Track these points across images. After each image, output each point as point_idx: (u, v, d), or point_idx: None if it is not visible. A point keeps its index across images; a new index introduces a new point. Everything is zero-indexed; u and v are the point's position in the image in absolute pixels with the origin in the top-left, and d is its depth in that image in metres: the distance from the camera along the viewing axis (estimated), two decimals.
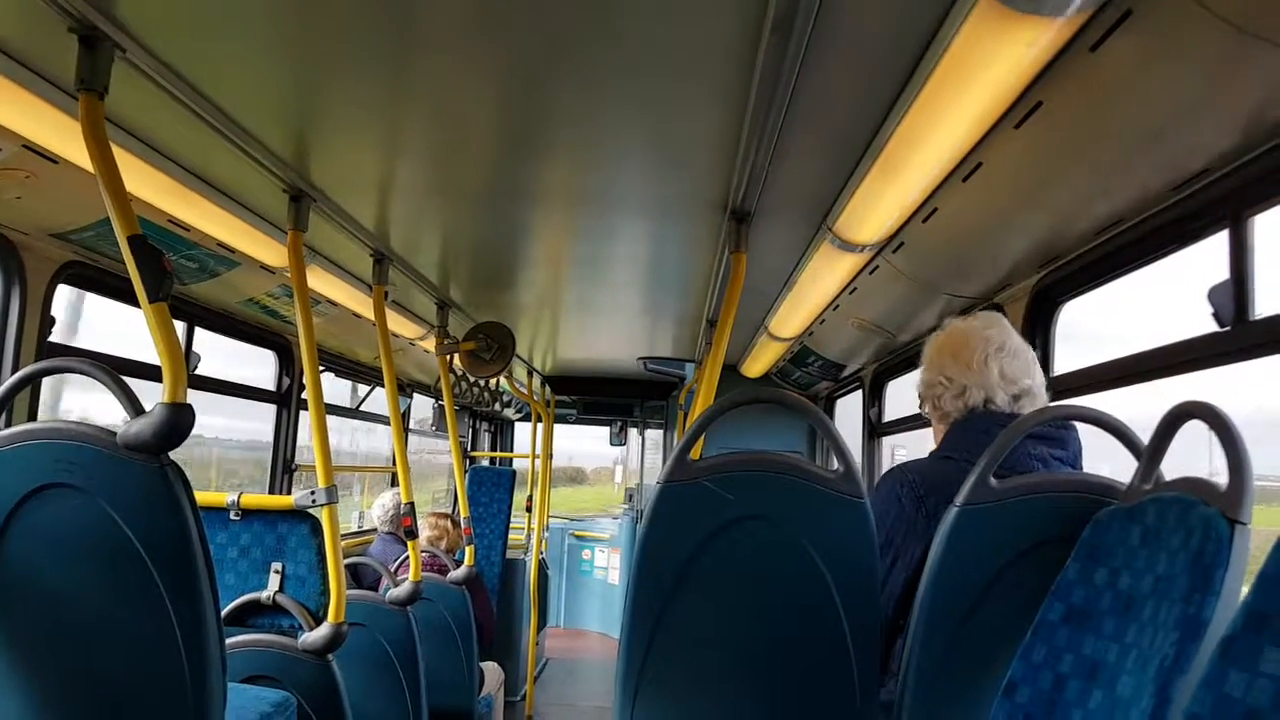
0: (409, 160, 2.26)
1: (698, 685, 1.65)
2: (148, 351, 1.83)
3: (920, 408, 1.92)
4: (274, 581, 2.44)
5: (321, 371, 3.12)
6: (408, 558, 3.26)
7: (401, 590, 3.13)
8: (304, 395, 3.95)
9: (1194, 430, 1.18)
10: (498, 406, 7.13)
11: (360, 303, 3.74)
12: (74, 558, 1.54)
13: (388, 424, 4.50)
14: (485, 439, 8.29)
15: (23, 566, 1.54)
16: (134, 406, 1.54)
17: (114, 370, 1.56)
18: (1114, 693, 1.14)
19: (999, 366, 1.74)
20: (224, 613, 2.36)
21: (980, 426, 1.69)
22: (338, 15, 1.51)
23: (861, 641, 1.59)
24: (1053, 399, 1.91)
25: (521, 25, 1.51)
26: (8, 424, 1.61)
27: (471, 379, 5.17)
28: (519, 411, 7.91)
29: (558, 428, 7.59)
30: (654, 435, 9.08)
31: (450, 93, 1.81)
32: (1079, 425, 1.67)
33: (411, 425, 5.87)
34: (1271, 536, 0.83)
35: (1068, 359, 2.29)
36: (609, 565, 9.09)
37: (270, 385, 4.06)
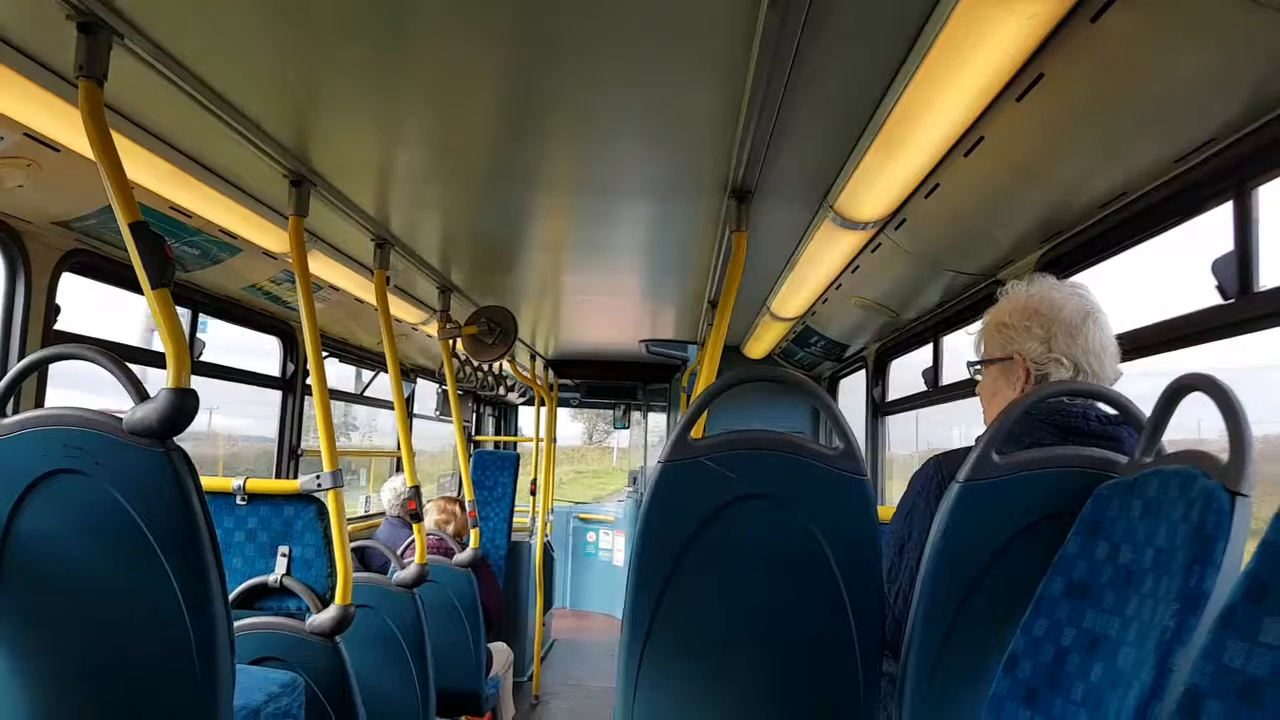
0: (409, 144, 2.25)
1: (701, 661, 1.66)
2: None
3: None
4: (281, 565, 2.46)
5: (325, 357, 3.13)
6: (414, 541, 3.28)
7: (408, 573, 3.15)
8: (309, 381, 3.97)
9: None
10: (501, 391, 7.14)
11: (363, 288, 3.75)
12: (83, 542, 1.56)
13: (392, 409, 4.51)
14: (489, 423, 8.30)
15: (33, 551, 1.56)
16: (139, 392, 1.55)
17: (119, 357, 1.57)
18: (1115, 665, 1.14)
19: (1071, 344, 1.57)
20: (232, 596, 2.38)
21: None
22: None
23: (863, 615, 1.60)
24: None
25: (519, 6, 1.50)
26: (16, 412, 1.62)
27: (475, 363, 5.17)
28: (522, 395, 7.93)
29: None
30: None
31: (448, 75, 1.80)
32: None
33: (416, 410, 5.88)
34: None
35: None
36: (613, 547, 9.12)
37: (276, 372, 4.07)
